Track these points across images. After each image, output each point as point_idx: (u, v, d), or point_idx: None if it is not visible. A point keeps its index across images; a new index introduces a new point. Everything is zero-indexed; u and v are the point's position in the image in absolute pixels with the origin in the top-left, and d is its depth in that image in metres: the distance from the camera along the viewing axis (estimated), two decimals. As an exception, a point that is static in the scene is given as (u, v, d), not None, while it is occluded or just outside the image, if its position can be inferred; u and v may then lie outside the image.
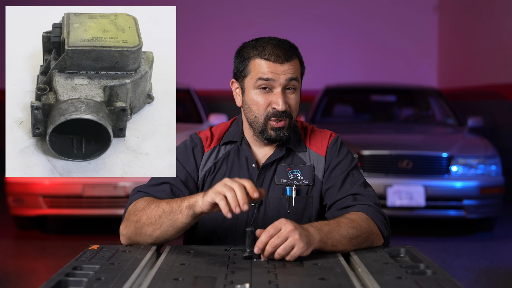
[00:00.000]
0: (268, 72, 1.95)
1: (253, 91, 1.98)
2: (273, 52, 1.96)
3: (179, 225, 1.82)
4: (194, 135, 2.12)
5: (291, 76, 1.96)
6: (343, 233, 1.80)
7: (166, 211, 1.82)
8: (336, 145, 2.08)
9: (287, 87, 1.98)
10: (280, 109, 1.95)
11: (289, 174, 2.03)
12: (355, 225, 1.84)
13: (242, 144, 2.07)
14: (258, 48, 1.98)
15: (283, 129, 1.99)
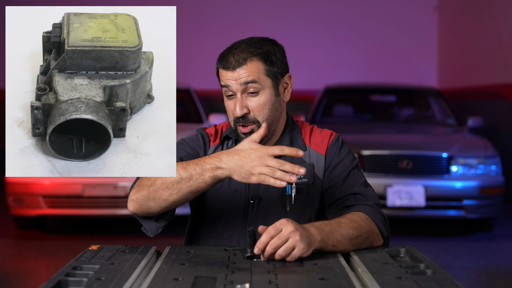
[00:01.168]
0: (225, 79, 1.98)
1: (224, 97, 2.04)
2: (226, 59, 1.98)
3: (200, 191, 1.84)
4: (200, 130, 2.16)
5: (244, 80, 1.95)
6: (343, 233, 1.80)
7: (184, 178, 1.82)
8: (337, 144, 2.08)
9: (248, 91, 1.97)
10: (236, 115, 1.97)
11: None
12: (355, 225, 1.84)
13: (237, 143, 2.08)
14: (221, 57, 2.01)
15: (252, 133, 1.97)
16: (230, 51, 1.99)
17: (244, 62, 1.96)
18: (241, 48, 1.98)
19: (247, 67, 1.96)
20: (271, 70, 1.99)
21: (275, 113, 2.02)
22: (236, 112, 1.97)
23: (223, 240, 2.05)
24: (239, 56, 1.96)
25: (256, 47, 1.99)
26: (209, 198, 2.07)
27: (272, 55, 2.00)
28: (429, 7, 10.91)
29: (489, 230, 6.35)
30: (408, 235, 6.31)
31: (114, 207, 5.93)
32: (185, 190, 1.83)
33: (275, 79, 2.01)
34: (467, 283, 4.71)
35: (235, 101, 1.98)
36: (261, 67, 1.97)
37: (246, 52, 1.97)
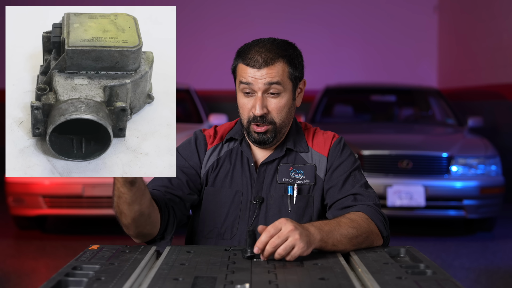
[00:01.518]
0: (248, 76, 1.96)
1: (239, 94, 2.02)
2: (253, 57, 1.96)
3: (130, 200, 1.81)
4: (198, 132, 2.16)
5: (270, 80, 1.95)
6: (343, 232, 1.80)
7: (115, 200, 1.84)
8: (339, 146, 2.09)
9: (269, 92, 1.97)
10: (256, 114, 1.96)
11: (291, 173, 2.05)
12: (355, 225, 1.84)
13: (243, 143, 2.10)
14: (243, 53, 1.99)
15: (266, 133, 2.00)
16: (254, 48, 1.98)
17: (272, 62, 1.95)
18: (267, 47, 1.97)
19: (274, 67, 1.96)
20: (294, 74, 2.01)
21: (289, 116, 2.04)
22: (256, 111, 1.96)
23: (224, 240, 2.05)
24: (267, 55, 1.95)
25: (282, 49, 1.99)
26: (210, 198, 2.08)
27: (295, 59, 2.02)
28: (429, 7, 10.91)
29: (489, 230, 6.35)
30: (408, 235, 6.31)
31: (114, 207, 5.92)
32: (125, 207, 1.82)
33: (295, 83, 2.03)
34: (467, 283, 4.71)
35: (255, 100, 1.97)
36: (286, 70, 1.98)
37: (274, 53, 1.97)
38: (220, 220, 2.06)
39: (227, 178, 2.07)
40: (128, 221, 1.86)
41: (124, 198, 1.81)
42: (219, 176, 2.07)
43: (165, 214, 1.96)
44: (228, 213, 2.05)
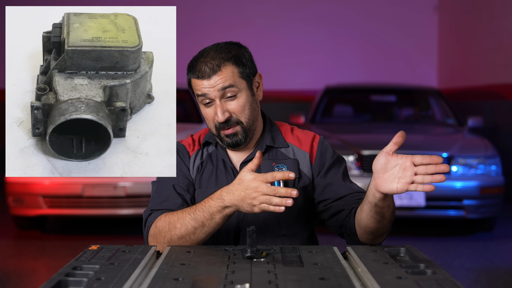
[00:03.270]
0: (201, 88, 2.01)
1: (200, 106, 2.06)
2: (200, 69, 2.00)
3: (215, 230, 1.94)
4: (177, 144, 2.20)
5: (222, 85, 1.99)
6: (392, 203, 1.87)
7: (197, 227, 1.91)
8: (325, 145, 2.15)
9: (226, 96, 2.01)
10: (220, 120, 2.00)
11: (274, 168, 2.09)
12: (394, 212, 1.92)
13: (218, 146, 2.14)
14: (191, 67, 2.03)
15: (237, 135, 2.04)
16: (200, 59, 2.02)
17: (218, 69, 1.99)
18: (211, 55, 2.01)
19: (222, 73, 1.99)
20: (244, 71, 2.04)
21: (254, 112, 2.07)
22: (218, 118, 2.00)
23: (216, 237, 2.08)
24: (212, 63, 1.99)
25: (225, 52, 2.02)
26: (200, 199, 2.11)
27: (242, 57, 2.04)
28: (429, 7, 10.91)
29: (489, 230, 6.35)
30: (408, 235, 6.31)
31: (114, 207, 5.93)
32: (202, 237, 1.94)
33: (249, 80, 2.06)
34: (467, 283, 4.71)
35: (215, 108, 2.01)
36: (235, 71, 2.01)
37: (218, 59, 2.00)
38: None
39: (212, 178, 2.11)
40: (191, 243, 1.94)
41: (210, 228, 1.91)
42: (204, 178, 2.12)
43: None
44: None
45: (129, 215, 5.96)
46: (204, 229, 1.91)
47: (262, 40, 10.26)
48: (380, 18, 10.89)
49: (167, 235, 1.94)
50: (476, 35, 9.48)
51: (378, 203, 1.82)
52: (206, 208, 1.89)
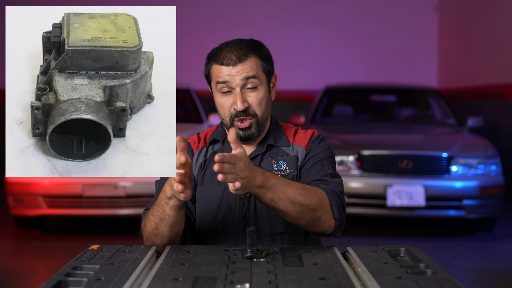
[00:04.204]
0: (224, 75, 2.03)
1: (217, 94, 2.08)
2: (225, 56, 2.03)
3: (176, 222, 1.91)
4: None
5: (246, 75, 2.02)
6: (288, 193, 1.83)
7: (157, 222, 1.92)
8: (317, 139, 2.15)
9: (247, 87, 2.03)
10: (239, 109, 2.02)
11: (273, 166, 2.11)
12: (305, 193, 1.87)
13: (225, 143, 2.16)
14: (214, 55, 2.06)
15: (250, 128, 2.06)
16: (225, 48, 2.05)
17: (245, 58, 2.02)
18: (237, 46, 2.04)
19: (248, 62, 2.02)
20: (267, 67, 2.08)
21: (268, 109, 2.10)
22: (237, 106, 2.02)
23: (217, 235, 2.09)
24: (239, 52, 2.02)
25: (251, 46, 2.06)
26: (201, 196, 2.13)
27: (265, 53, 2.09)
28: (429, 7, 10.91)
29: (489, 230, 6.35)
30: (408, 235, 6.31)
31: (114, 207, 5.93)
32: (166, 230, 1.92)
33: (268, 76, 2.10)
34: (467, 283, 4.71)
35: (234, 97, 2.03)
36: (259, 63, 2.05)
37: (245, 49, 2.04)
38: (212, 216, 2.10)
39: (215, 175, 2.11)
40: (164, 242, 1.94)
41: (168, 221, 1.90)
42: (207, 175, 2.13)
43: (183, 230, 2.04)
44: (218, 209, 2.10)
45: (129, 215, 5.96)
46: (163, 223, 1.90)
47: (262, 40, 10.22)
48: (380, 18, 10.89)
49: (144, 233, 1.99)
50: (476, 35, 9.48)
51: (262, 201, 1.84)
52: (158, 202, 1.91)
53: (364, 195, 6.04)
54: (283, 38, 10.47)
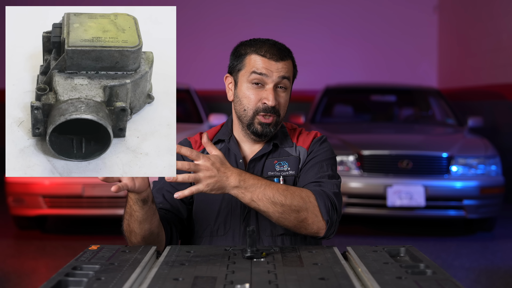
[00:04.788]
0: (263, 67, 2.03)
1: (245, 84, 2.06)
2: (269, 50, 2.04)
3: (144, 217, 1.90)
4: (183, 141, 2.23)
5: (284, 74, 2.04)
6: (268, 193, 1.85)
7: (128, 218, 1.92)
8: (319, 140, 2.16)
9: (279, 86, 2.05)
10: (270, 104, 2.03)
11: (275, 166, 2.11)
12: (287, 194, 1.88)
13: (230, 141, 2.16)
14: (255, 45, 2.07)
15: (270, 125, 2.07)
16: (267, 43, 2.06)
17: (286, 58, 2.06)
18: (278, 45, 2.07)
19: (288, 63, 2.06)
20: (294, 73, 2.12)
21: (285, 113, 2.13)
22: (269, 101, 2.02)
23: (218, 237, 2.09)
24: (282, 51, 2.06)
25: (288, 50, 2.10)
26: (202, 198, 2.13)
27: (294, 60, 2.13)
28: (429, 7, 10.91)
29: (489, 230, 6.35)
30: (408, 235, 6.31)
31: (114, 207, 5.93)
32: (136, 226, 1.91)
33: (292, 82, 2.13)
34: (467, 283, 4.71)
35: (266, 92, 2.04)
36: (291, 68, 2.09)
37: (286, 51, 2.08)
38: (213, 218, 2.10)
39: None
40: (137, 240, 1.93)
41: (135, 216, 1.89)
42: None
43: (168, 230, 2.04)
44: (220, 210, 2.09)
45: (129, 215, 5.95)
46: (132, 219, 1.90)
47: (262, 40, 10.22)
48: (380, 18, 10.89)
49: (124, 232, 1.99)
50: (476, 35, 9.48)
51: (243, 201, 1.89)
52: (127, 199, 1.92)
53: (364, 195, 6.04)
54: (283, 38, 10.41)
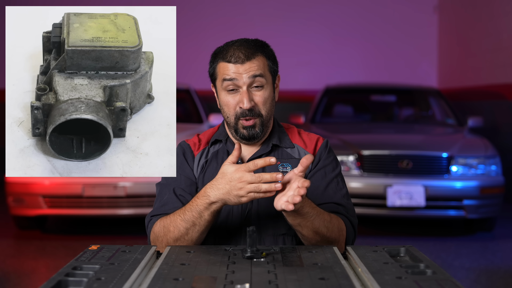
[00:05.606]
0: (231, 73, 2.01)
1: (222, 92, 2.06)
2: (234, 54, 2.02)
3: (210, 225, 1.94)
4: (182, 143, 2.20)
5: (253, 73, 2.01)
6: (315, 224, 1.90)
7: (189, 227, 1.92)
8: (327, 148, 2.16)
9: (253, 85, 2.03)
10: (246, 107, 2.01)
11: (279, 167, 2.10)
12: (329, 226, 1.94)
13: (227, 142, 2.15)
14: (222, 52, 2.05)
15: (255, 127, 2.05)
16: (232, 46, 2.04)
17: (253, 56, 2.02)
18: (245, 45, 2.04)
19: (256, 61, 2.02)
20: (272, 67, 2.08)
21: (272, 109, 2.10)
22: (244, 104, 2.01)
23: (219, 236, 2.08)
24: (247, 51, 2.02)
25: (258, 45, 2.06)
26: None
27: (271, 53, 2.09)
28: (429, 7, 10.91)
29: (489, 230, 6.35)
30: (408, 235, 6.31)
31: (114, 207, 5.93)
32: (196, 236, 1.94)
33: (274, 76, 2.10)
34: (467, 283, 4.71)
35: (241, 95, 2.02)
36: (265, 63, 2.05)
37: (253, 48, 2.03)
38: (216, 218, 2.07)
39: (215, 175, 2.09)
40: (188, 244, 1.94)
41: (202, 226, 1.91)
42: (207, 175, 2.11)
43: None
44: (222, 211, 2.07)
45: (129, 215, 5.96)
46: (196, 228, 1.91)
47: (262, 40, 10.25)
48: (380, 18, 10.89)
49: (164, 239, 1.96)
50: (476, 35, 9.48)
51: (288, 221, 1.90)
52: (194, 207, 1.90)
53: (364, 195, 6.04)
54: (283, 38, 10.47)
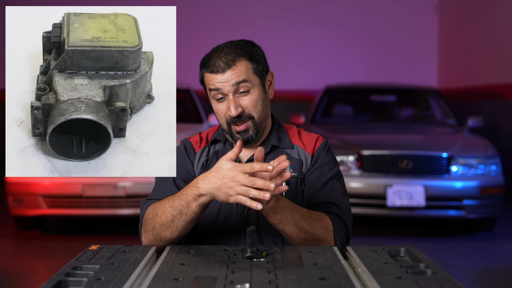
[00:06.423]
0: (215, 83, 2.01)
1: (213, 101, 2.07)
2: (214, 64, 2.01)
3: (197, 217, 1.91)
4: (184, 140, 2.21)
5: (236, 80, 2.00)
6: (295, 218, 1.89)
7: (176, 215, 1.89)
8: (325, 147, 2.15)
9: (240, 91, 2.02)
10: (233, 115, 2.01)
11: None
12: (311, 222, 1.92)
13: (226, 144, 2.16)
14: (205, 63, 2.05)
15: (248, 131, 2.05)
16: (214, 55, 2.03)
17: (233, 63, 2.00)
18: (226, 51, 2.02)
19: (237, 67, 2.00)
20: (258, 68, 2.05)
21: (265, 109, 2.09)
22: (231, 112, 2.01)
23: (218, 236, 2.08)
24: (227, 58, 2.00)
25: (240, 48, 2.04)
26: None
27: (255, 54, 2.06)
28: (429, 7, 10.92)
29: (489, 230, 6.35)
30: (408, 235, 6.31)
31: (114, 207, 5.93)
32: (182, 225, 1.91)
33: (262, 77, 2.07)
34: (467, 283, 4.71)
35: (228, 102, 2.02)
36: (249, 66, 2.02)
37: (233, 54, 2.01)
38: (213, 217, 2.09)
39: None
40: (172, 236, 1.92)
41: (188, 216, 1.88)
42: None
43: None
44: (220, 210, 2.09)
45: (129, 215, 5.96)
46: (182, 217, 1.88)
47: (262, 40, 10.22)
48: (380, 18, 10.89)
49: (151, 222, 1.95)
50: (476, 35, 9.48)
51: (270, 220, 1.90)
52: (183, 196, 1.88)
53: (364, 195, 6.04)
54: (283, 38, 10.47)
